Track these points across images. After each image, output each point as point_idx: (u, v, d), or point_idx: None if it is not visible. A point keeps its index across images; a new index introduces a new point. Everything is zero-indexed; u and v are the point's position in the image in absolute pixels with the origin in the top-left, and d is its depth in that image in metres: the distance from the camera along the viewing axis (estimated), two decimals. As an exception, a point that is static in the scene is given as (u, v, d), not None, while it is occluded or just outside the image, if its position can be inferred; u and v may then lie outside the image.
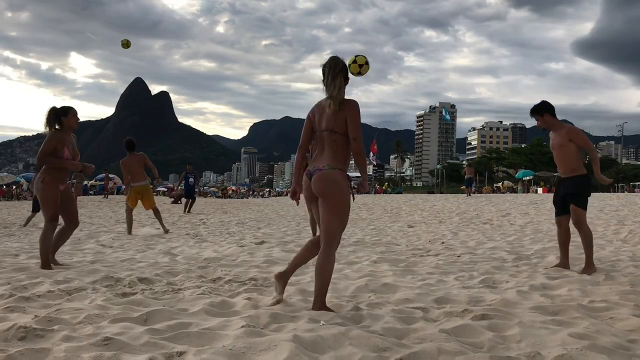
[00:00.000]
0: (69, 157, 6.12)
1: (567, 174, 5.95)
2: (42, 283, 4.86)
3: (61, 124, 6.11)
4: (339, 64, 3.76)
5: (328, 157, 3.73)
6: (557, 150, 5.96)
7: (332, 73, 3.71)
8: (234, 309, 3.91)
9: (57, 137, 6.04)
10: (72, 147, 6.21)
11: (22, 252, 7.36)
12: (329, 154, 3.73)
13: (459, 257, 7.04)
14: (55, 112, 6.12)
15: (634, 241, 8.38)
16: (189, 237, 9.85)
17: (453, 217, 14.92)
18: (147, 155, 11.01)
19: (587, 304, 4.12)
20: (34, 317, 3.44)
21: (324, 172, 3.70)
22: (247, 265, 6.23)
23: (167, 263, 6.40)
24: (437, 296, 4.41)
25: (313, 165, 3.78)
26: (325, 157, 3.74)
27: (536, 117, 6.04)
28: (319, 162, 3.76)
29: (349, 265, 6.29)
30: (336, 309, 3.96)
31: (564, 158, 5.91)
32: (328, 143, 3.74)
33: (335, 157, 3.73)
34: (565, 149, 5.86)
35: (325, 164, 3.71)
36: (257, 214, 18.90)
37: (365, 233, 10.81)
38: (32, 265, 6.18)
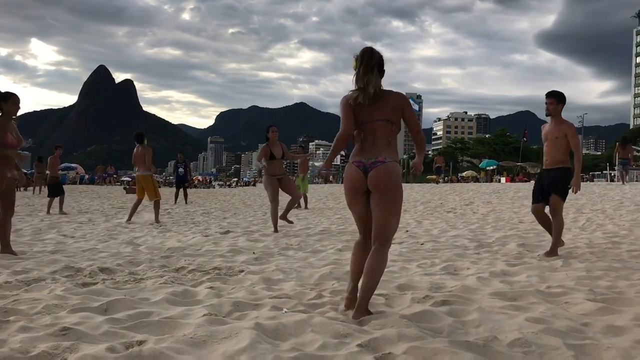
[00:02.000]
0: (14, 144, 5.85)
1: (554, 165, 6.12)
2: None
3: (1, 110, 5.83)
4: (374, 56, 3.48)
5: (385, 149, 3.43)
6: (551, 141, 6.11)
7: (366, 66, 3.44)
8: (197, 298, 3.89)
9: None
10: (15, 132, 5.94)
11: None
12: (385, 145, 3.44)
13: (422, 244, 7.14)
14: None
15: (591, 229, 8.62)
16: (153, 227, 9.73)
17: (418, 206, 15.09)
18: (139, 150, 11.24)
19: (545, 290, 4.22)
20: (-11, 308, 3.36)
21: (388, 164, 3.40)
22: (211, 254, 6.20)
23: (130, 253, 6.32)
24: (399, 283, 4.47)
25: (367, 157, 3.42)
26: (381, 148, 3.43)
27: (554, 100, 6.09)
28: (374, 153, 3.42)
29: (314, 254, 6.32)
30: (299, 297, 3.98)
31: (556, 150, 6.08)
32: (384, 134, 3.45)
33: (393, 149, 3.48)
34: (560, 141, 6.05)
35: (386, 156, 3.41)
36: (224, 203, 18.79)
37: (331, 222, 10.86)
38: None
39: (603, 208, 11.92)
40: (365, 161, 3.40)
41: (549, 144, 6.16)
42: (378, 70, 3.47)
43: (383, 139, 3.45)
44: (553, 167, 6.14)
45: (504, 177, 44.50)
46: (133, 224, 10.54)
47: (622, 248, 6.55)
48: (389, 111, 3.46)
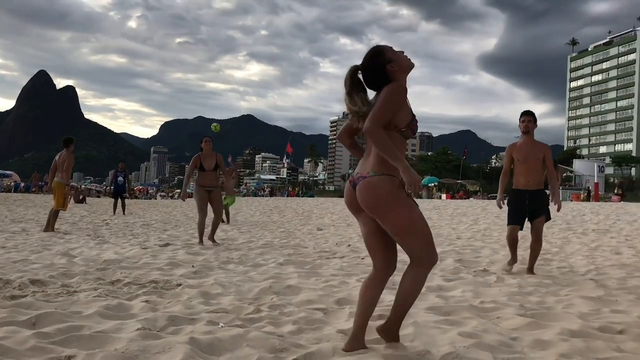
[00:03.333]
0: None
1: (535, 187, 6.10)
2: None
3: None
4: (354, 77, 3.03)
5: (373, 161, 2.89)
6: (533, 161, 6.06)
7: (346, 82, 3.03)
8: (131, 312, 3.80)
9: None
10: None
11: None
12: (375, 157, 2.89)
13: (362, 259, 7.21)
14: None
15: (524, 246, 8.92)
16: (90, 239, 9.45)
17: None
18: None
19: (478, 305, 4.35)
20: None
21: (368, 179, 2.86)
22: (148, 267, 6.07)
23: (64, 265, 6.11)
24: (338, 297, 4.50)
25: (357, 172, 2.96)
26: (369, 161, 2.92)
27: (532, 119, 6.11)
28: (362, 167, 2.95)
29: (254, 268, 6.29)
30: (237, 311, 3.95)
31: (537, 170, 6.09)
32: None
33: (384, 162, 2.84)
34: (540, 162, 6.07)
35: (369, 170, 2.88)
36: (165, 215, 18.43)
37: (274, 236, 10.83)
38: None
39: (537, 226, 12.37)
40: (355, 176, 2.95)
41: (529, 164, 6.07)
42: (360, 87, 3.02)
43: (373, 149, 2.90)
44: (536, 189, 6.10)
45: (445, 194, 45.56)
46: (69, 234, 10.21)
47: (552, 265, 6.82)
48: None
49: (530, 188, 6.10)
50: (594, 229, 11.71)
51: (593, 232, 11.15)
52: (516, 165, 6.18)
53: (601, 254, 7.95)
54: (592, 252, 8.17)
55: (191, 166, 8.91)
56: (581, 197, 32.62)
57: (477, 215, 16.72)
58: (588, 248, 8.61)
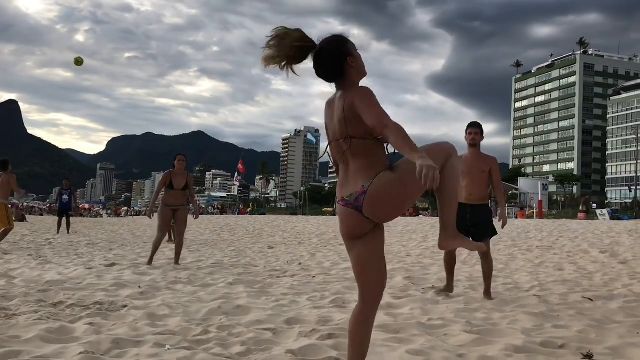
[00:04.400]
0: None
1: (478, 202, 5.79)
2: None
3: None
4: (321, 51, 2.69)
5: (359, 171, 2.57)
6: (477, 174, 5.77)
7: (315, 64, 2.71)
8: (73, 335, 3.68)
9: None
10: None
11: None
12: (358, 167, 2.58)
13: (313, 277, 7.21)
14: None
15: (471, 262, 9.11)
16: (32, 259, 9.11)
17: (312, 239, 15.25)
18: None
19: (426, 322, 4.40)
20: None
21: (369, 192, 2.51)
22: (93, 288, 5.89)
23: (3, 286, 5.86)
24: (288, 317, 4.48)
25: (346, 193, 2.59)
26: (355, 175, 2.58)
27: (479, 131, 5.90)
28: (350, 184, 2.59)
29: (203, 288, 6.18)
30: (184, 333, 3.88)
31: (480, 184, 5.79)
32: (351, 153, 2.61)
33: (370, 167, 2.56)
34: (485, 176, 5.79)
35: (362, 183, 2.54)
36: (111, 234, 17.97)
37: (224, 254, 10.70)
38: None
39: (483, 243, 12.66)
40: (348, 199, 2.56)
41: (473, 178, 5.77)
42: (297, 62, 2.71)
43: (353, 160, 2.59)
44: (479, 204, 5.79)
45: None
46: (9, 254, 9.82)
47: (498, 281, 6.98)
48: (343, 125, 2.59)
49: (472, 202, 5.76)
50: (538, 246, 12.07)
51: (537, 249, 11.50)
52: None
53: (544, 270, 8.19)
54: (536, 268, 8.41)
55: (161, 182, 8.74)
56: (525, 215, 33.63)
57: (427, 232, 16.99)
58: (532, 264, 8.86)
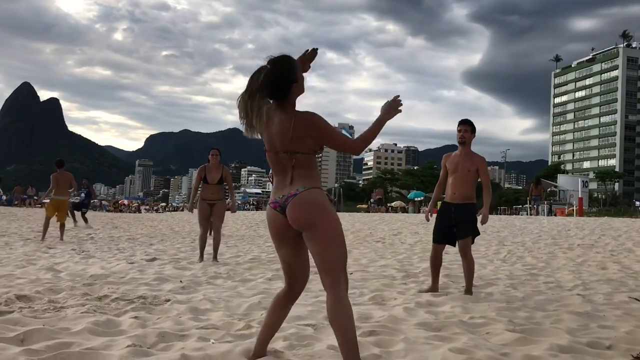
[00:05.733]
0: None
1: (461, 200, 5.75)
2: None
3: None
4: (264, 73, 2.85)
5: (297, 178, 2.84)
6: (462, 173, 5.75)
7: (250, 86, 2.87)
8: (120, 328, 3.77)
9: None
10: None
11: None
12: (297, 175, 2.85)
13: (351, 274, 7.20)
14: None
15: (511, 261, 8.99)
16: (75, 253, 9.35)
17: (348, 235, 15.25)
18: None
19: (467, 320, 4.37)
20: None
21: (301, 195, 2.80)
22: (136, 282, 6.02)
23: (50, 280, 6.04)
24: (328, 313, 4.48)
25: (279, 195, 2.86)
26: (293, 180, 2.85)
27: (469, 128, 5.85)
28: (286, 187, 2.86)
29: (243, 283, 6.26)
30: (227, 327, 3.93)
31: (467, 183, 5.76)
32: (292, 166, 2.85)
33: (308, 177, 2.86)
34: (472, 175, 5.76)
35: (298, 187, 2.81)
36: (150, 229, 18.29)
37: (261, 250, 10.78)
38: None
39: (523, 241, 12.46)
40: (280, 199, 2.85)
41: (458, 176, 5.76)
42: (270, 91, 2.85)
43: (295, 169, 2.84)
44: (462, 202, 5.74)
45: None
46: (54, 248, 10.09)
47: (539, 280, 6.87)
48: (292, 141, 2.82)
49: (455, 201, 5.76)
50: (579, 244, 11.82)
51: (578, 247, 11.26)
52: (448, 176, 5.92)
53: (587, 269, 8.02)
54: (578, 267, 8.24)
55: (197, 177, 8.88)
56: (565, 212, 32.92)
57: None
58: (574, 263, 8.68)
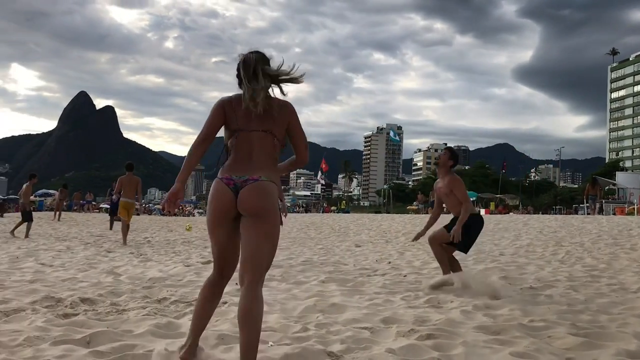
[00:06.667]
0: None
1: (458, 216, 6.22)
2: (-24, 304, 4.65)
3: None
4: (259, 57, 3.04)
5: (263, 166, 2.94)
6: (444, 197, 6.38)
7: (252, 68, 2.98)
8: (180, 331, 3.85)
9: None
10: None
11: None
12: (263, 162, 2.95)
13: (405, 276, 7.15)
14: None
15: (570, 262, 8.72)
16: (133, 256, 9.62)
17: (399, 237, 15.14)
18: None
19: (527, 323, 4.26)
20: (-32, 340, 3.30)
21: (261, 183, 2.88)
22: (193, 285, 6.14)
23: (111, 283, 6.24)
24: (384, 316, 4.47)
25: (238, 174, 2.90)
26: (257, 165, 2.92)
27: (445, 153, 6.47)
28: (249, 170, 2.92)
29: (297, 285, 6.29)
30: (285, 329, 3.96)
31: (452, 204, 6.28)
32: (263, 147, 2.96)
33: (272, 167, 2.98)
34: (453, 196, 6.23)
35: (260, 174, 2.90)
36: (203, 232, 18.64)
37: (313, 252, 10.83)
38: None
39: (582, 241, 12.07)
40: (237, 178, 2.89)
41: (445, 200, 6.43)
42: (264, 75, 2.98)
43: (262, 153, 2.95)
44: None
45: (484, 209, 44.88)
46: (113, 252, 10.41)
47: (601, 282, 6.63)
48: (272, 122, 2.98)
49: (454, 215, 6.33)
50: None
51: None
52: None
53: (652, 270, 7.69)
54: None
55: None
56: (625, 211, 31.74)
57: (519, 230, 16.41)
58: (638, 264, 8.35)
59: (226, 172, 2.94)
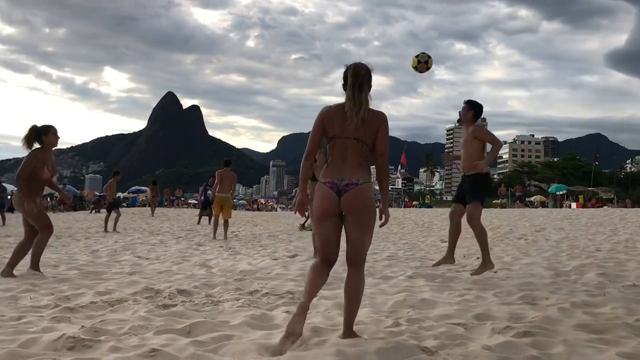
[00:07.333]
0: (48, 176, 6.15)
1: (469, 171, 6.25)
2: (84, 294, 4.96)
3: (42, 142, 6.13)
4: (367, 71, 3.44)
5: (357, 169, 3.37)
6: (463, 147, 6.30)
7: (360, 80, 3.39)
8: (274, 322, 3.93)
9: (38, 155, 6.07)
10: (51, 164, 6.23)
11: (61, 263, 7.52)
12: (357, 165, 3.38)
13: (495, 272, 6.95)
14: (36, 131, 6.12)
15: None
16: (223, 250, 9.93)
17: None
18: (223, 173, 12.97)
19: (633, 323, 4.01)
20: (80, 327, 3.52)
21: (362, 186, 3.35)
22: (282, 278, 6.26)
23: (204, 275, 6.47)
24: (476, 312, 4.36)
25: (339, 178, 3.36)
26: (352, 169, 3.37)
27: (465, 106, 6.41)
28: (346, 174, 3.36)
29: (384, 280, 6.26)
30: (375, 324, 3.95)
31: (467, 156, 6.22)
32: (355, 153, 3.38)
33: (365, 170, 3.42)
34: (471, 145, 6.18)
35: (358, 177, 3.35)
36: (287, 226, 18.95)
37: (398, 247, 10.75)
38: (72, 276, 6.32)
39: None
40: (339, 182, 3.36)
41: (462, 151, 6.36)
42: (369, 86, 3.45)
43: (355, 158, 3.39)
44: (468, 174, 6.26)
45: (575, 203, 42.84)
46: (203, 246, 10.79)
47: None
48: (362, 130, 3.39)
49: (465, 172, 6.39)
50: None
51: None
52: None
53: None
54: None
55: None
56: None
57: (616, 225, 15.57)
58: None
59: (328, 176, 3.42)
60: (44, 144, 6.16)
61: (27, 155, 6.09)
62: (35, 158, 6.06)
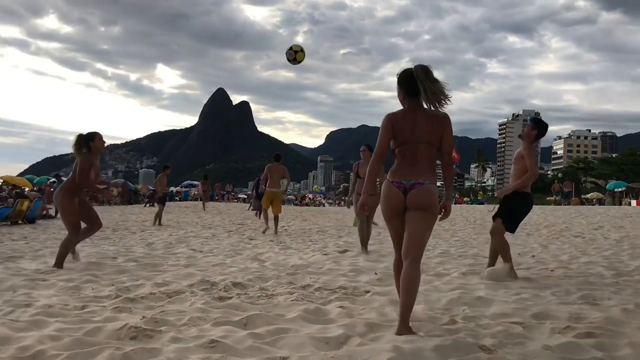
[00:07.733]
0: (94, 178, 6.64)
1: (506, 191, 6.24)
2: (143, 285, 5.10)
3: (89, 148, 6.66)
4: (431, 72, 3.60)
5: (425, 171, 3.61)
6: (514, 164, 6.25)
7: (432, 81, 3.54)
8: (329, 317, 3.94)
9: (90, 159, 6.58)
10: (96, 168, 6.73)
11: (119, 255, 7.75)
12: (426, 168, 3.62)
13: (552, 271, 6.77)
14: (83, 138, 6.67)
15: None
16: (274, 244, 10.02)
17: (541, 229, 14.37)
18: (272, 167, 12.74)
19: None
20: (141, 317, 3.62)
21: (428, 186, 3.60)
22: (334, 273, 6.27)
23: (257, 269, 6.54)
24: (535, 311, 4.25)
25: (407, 179, 3.61)
26: (420, 171, 3.61)
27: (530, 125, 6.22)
28: (414, 175, 3.60)
29: (437, 277, 6.19)
30: (431, 321, 3.91)
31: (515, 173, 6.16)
32: (425, 156, 3.62)
33: (432, 171, 3.67)
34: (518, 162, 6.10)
35: (424, 179, 3.60)
36: (336, 222, 18.98)
37: (449, 244, 10.61)
38: (130, 267, 6.50)
39: None
40: (406, 182, 3.60)
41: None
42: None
43: (424, 161, 3.63)
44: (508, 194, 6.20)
45: (635, 200, 41.23)
46: (254, 239, 10.92)
47: None
48: (431, 133, 3.61)
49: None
50: None
51: None
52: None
53: None
54: None
55: (353, 174, 9.14)
56: None
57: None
58: None
59: (395, 177, 3.66)
60: (91, 149, 6.69)
61: (79, 160, 6.56)
62: (88, 162, 6.55)
